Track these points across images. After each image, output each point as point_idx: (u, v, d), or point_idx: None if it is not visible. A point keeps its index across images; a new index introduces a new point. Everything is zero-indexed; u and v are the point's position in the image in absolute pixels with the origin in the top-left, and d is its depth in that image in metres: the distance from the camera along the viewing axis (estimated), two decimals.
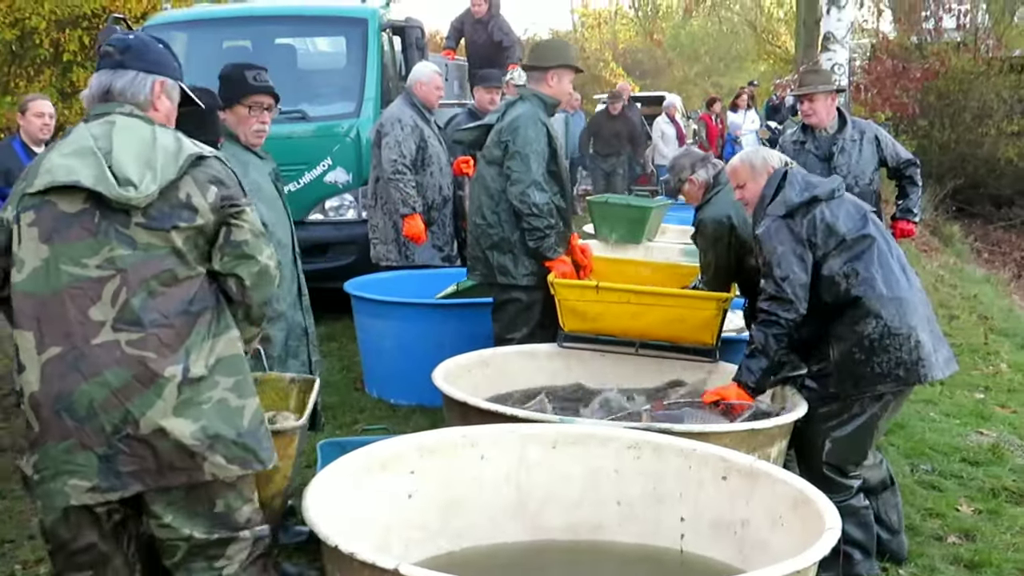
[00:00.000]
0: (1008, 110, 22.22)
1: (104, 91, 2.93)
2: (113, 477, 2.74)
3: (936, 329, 4.24)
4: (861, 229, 4.15)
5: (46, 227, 2.78)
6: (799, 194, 4.17)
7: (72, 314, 2.74)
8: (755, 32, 35.45)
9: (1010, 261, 20.80)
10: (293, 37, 9.71)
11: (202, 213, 2.82)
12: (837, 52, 12.16)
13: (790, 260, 4.09)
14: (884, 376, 4.09)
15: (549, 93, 5.45)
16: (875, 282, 4.08)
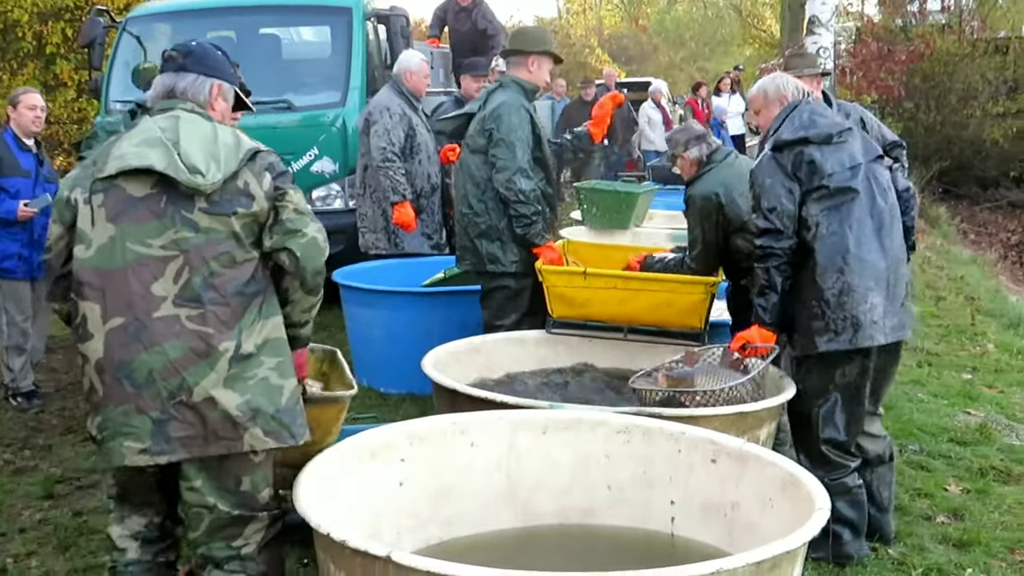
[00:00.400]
0: (993, 91, 22.28)
1: (168, 91, 3.21)
2: (163, 442, 3.00)
3: (898, 295, 4.23)
4: (847, 180, 4.15)
5: (114, 208, 3.03)
6: (792, 132, 4.22)
7: (135, 288, 3.00)
8: (740, 16, 35.45)
9: (996, 242, 20.89)
10: (277, 27, 9.68)
11: (258, 200, 3.07)
12: (822, 36, 12.14)
13: (778, 192, 4.15)
14: (835, 333, 4.11)
15: (529, 79, 5.45)
16: (845, 238, 4.11)
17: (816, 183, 4.13)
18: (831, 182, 4.12)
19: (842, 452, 4.24)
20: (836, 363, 4.17)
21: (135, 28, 9.05)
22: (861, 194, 4.15)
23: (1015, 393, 7.01)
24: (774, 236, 4.13)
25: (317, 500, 2.99)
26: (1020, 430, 6.14)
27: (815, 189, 4.13)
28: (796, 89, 4.43)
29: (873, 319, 4.09)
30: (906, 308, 4.29)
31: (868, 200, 4.16)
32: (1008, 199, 22.81)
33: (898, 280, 4.22)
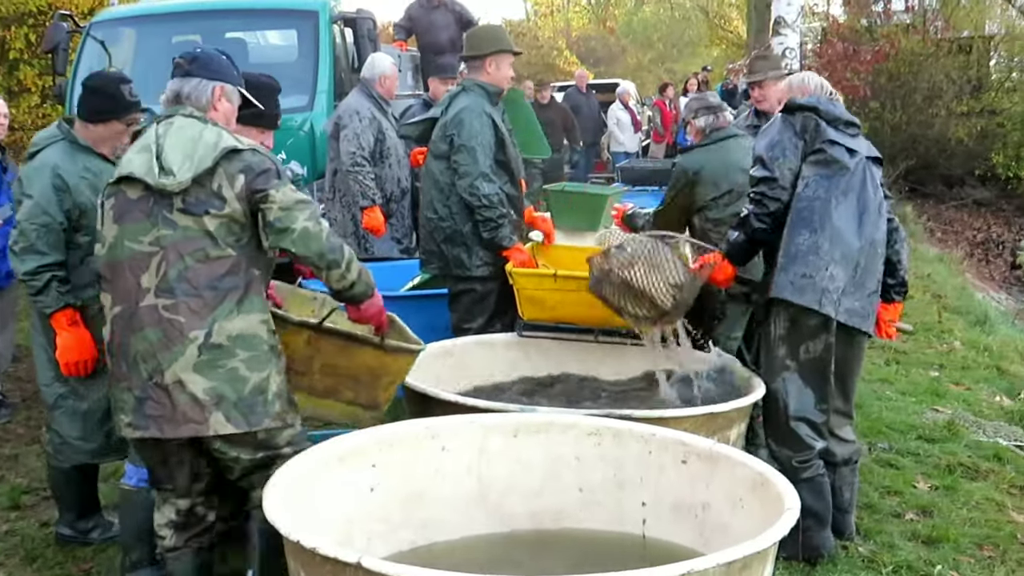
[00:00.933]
0: (957, 91, 22.45)
1: (175, 95, 3.50)
2: (142, 418, 3.33)
3: (866, 283, 4.31)
4: (843, 156, 4.29)
5: (117, 210, 3.39)
6: (804, 99, 4.40)
7: (131, 281, 3.33)
8: (707, 18, 35.58)
9: (962, 240, 21.09)
10: (243, 31, 9.62)
11: (229, 202, 3.30)
12: (788, 36, 12.28)
13: (783, 145, 4.33)
14: (792, 284, 4.22)
15: (490, 81, 5.42)
16: (827, 203, 4.24)
17: (818, 144, 4.29)
18: (830, 150, 4.27)
19: (811, 430, 4.28)
20: (800, 338, 4.25)
21: (99, 33, 8.96)
22: (854, 174, 4.27)
23: (981, 390, 7.08)
24: (768, 185, 4.32)
25: (287, 507, 2.96)
26: (987, 426, 6.20)
27: (814, 152, 4.29)
28: (819, 84, 4.57)
29: (828, 288, 4.19)
30: (872, 300, 4.33)
31: (859, 184, 4.30)
32: (973, 197, 23.01)
33: (868, 269, 4.30)
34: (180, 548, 3.61)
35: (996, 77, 24.82)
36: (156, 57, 9.27)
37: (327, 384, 3.80)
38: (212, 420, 3.29)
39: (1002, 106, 23.32)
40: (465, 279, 5.38)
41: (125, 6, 10.24)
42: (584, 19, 41.91)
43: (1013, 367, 7.76)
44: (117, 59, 8.88)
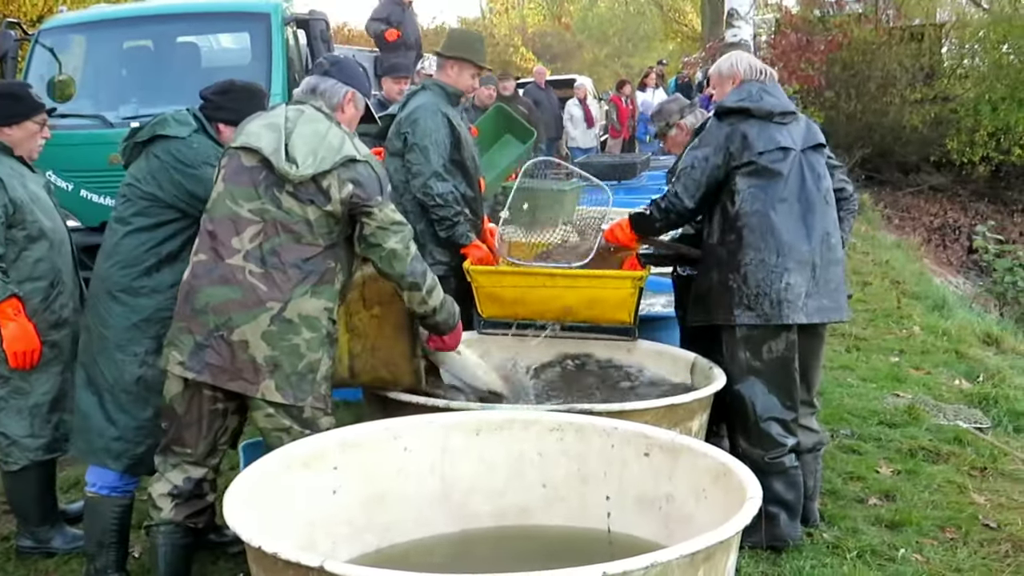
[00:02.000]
0: (910, 78, 22.70)
1: (312, 89, 3.79)
2: (198, 362, 3.53)
3: (828, 278, 4.30)
4: (775, 162, 4.23)
5: (229, 171, 3.64)
6: (735, 101, 4.32)
7: (221, 236, 3.57)
8: (662, 12, 35.74)
9: (919, 226, 21.31)
10: (195, 35, 9.53)
11: (333, 202, 3.57)
12: (742, 28, 12.27)
13: (696, 157, 4.31)
14: (749, 308, 4.22)
15: (449, 83, 5.40)
16: (767, 217, 4.20)
17: (746, 158, 4.23)
18: (760, 160, 4.21)
19: (782, 428, 4.28)
20: (762, 339, 4.25)
21: (48, 40, 8.83)
22: (789, 177, 4.23)
23: (941, 374, 7.14)
24: (677, 194, 4.35)
25: (248, 512, 2.93)
26: (947, 410, 6.25)
27: (744, 164, 4.23)
28: (750, 67, 4.51)
29: (789, 298, 4.17)
30: (839, 292, 4.34)
31: (797, 183, 4.23)
32: (929, 183, 23.25)
33: (828, 263, 4.27)
34: (176, 523, 3.71)
35: (948, 64, 25.10)
36: (107, 63, 9.19)
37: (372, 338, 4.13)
38: (263, 385, 3.53)
39: (955, 92, 23.61)
40: None
41: (75, 12, 10.09)
42: (539, 15, 41.97)
43: (971, 350, 7.84)
44: (67, 66, 8.78)
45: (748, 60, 4.57)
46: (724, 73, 4.55)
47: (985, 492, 5.06)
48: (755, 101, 4.30)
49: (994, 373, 7.15)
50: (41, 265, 4.32)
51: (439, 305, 3.87)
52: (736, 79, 4.47)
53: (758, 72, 4.49)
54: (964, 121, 22.29)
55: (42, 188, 4.51)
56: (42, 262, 4.32)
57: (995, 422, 6.14)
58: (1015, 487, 5.15)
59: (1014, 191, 22.96)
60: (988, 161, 22.05)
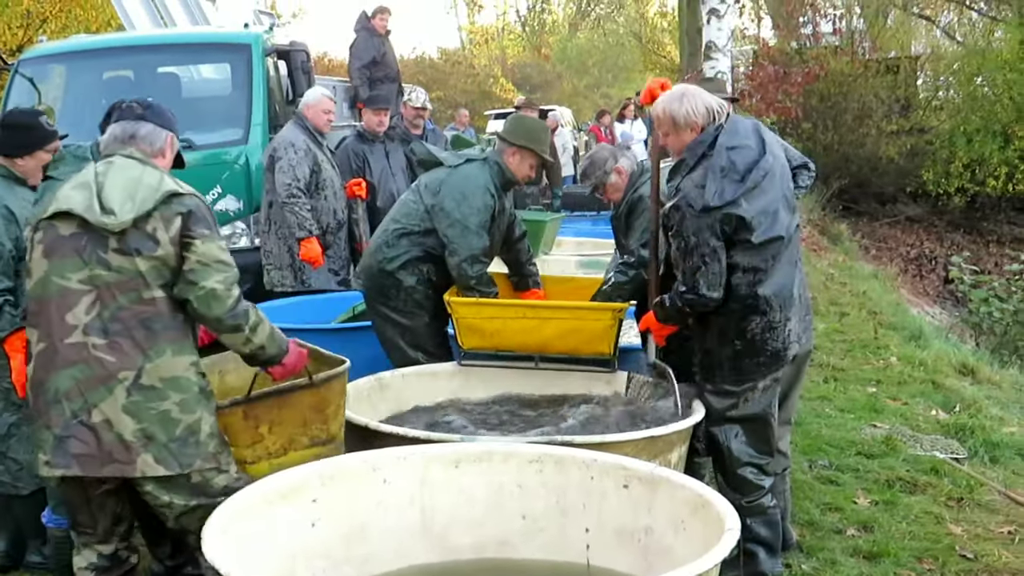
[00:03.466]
0: (886, 110, 22.98)
1: (126, 135, 3.58)
2: (62, 456, 3.32)
3: (805, 302, 4.31)
4: (769, 232, 4.07)
5: (47, 246, 3.41)
6: (717, 196, 3.99)
7: (54, 317, 3.35)
8: (640, 43, 36.00)
9: (896, 256, 21.50)
10: (175, 66, 9.55)
11: (163, 245, 3.35)
12: (720, 60, 12.42)
13: (702, 252, 4.04)
14: (762, 366, 4.18)
15: (510, 167, 5.27)
16: (769, 281, 4.10)
17: (743, 236, 4.04)
18: (757, 237, 4.05)
19: (760, 473, 4.29)
20: (751, 391, 4.24)
21: (28, 70, 8.84)
22: (784, 238, 4.10)
23: (918, 404, 7.18)
24: (696, 294, 4.10)
25: (226, 544, 2.93)
26: (924, 440, 6.29)
27: (741, 242, 4.06)
28: (707, 111, 4.18)
29: (790, 340, 4.17)
30: (809, 312, 4.40)
31: (788, 238, 4.15)
32: (906, 214, 23.50)
33: (805, 285, 4.32)
34: None
35: (923, 96, 25.41)
36: (87, 93, 9.19)
37: (281, 441, 3.79)
38: (140, 461, 3.31)
39: (930, 124, 23.91)
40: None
41: (55, 43, 10.10)
42: (519, 47, 42.20)
43: (948, 381, 7.89)
44: (47, 96, 8.78)
45: (703, 103, 4.21)
46: (680, 123, 4.19)
47: (962, 523, 5.09)
48: (735, 183, 4.02)
49: (970, 403, 7.20)
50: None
51: (267, 340, 3.58)
52: (695, 128, 4.18)
53: (715, 113, 4.20)
54: (939, 152, 22.58)
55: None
56: None
57: (971, 452, 6.17)
58: (992, 518, 5.18)
59: (989, 222, 23.22)
60: (963, 192, 22.31)
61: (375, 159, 7.95)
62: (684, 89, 4.33)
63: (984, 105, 22.71)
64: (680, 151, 4.27)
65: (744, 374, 4.19)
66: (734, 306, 4.14)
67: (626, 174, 5.17)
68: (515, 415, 4.68)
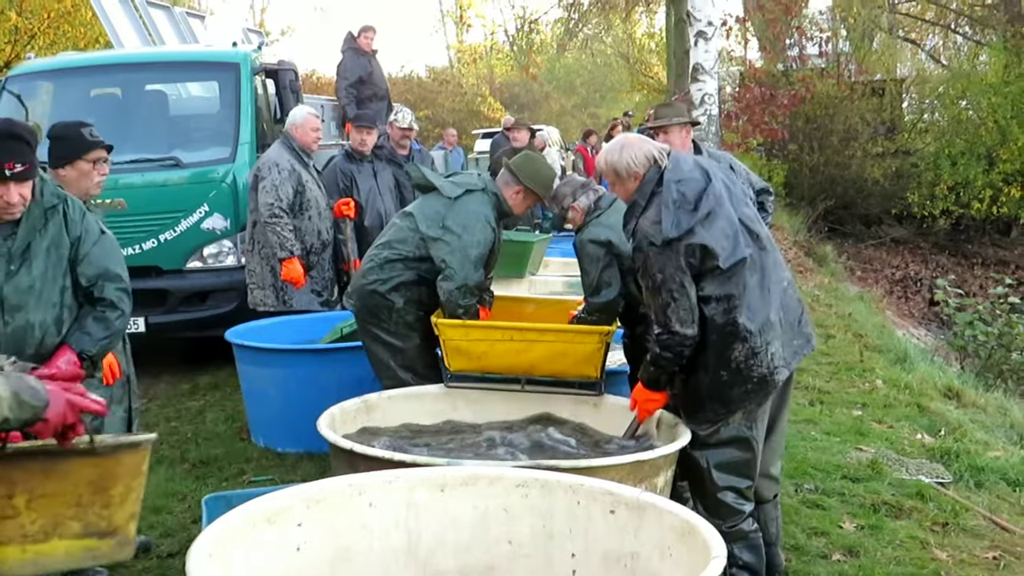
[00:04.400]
0: (872, 132, 23.11)
1: None
2: None
3: (791, 322, 4.26)
4: (733, 255, 4.07)
5: None
6: (674, 227, 4.03)
7: None
8: (628, 64, 36.13)
9: (881, 278, 21.57)
10: (164, 83, 9.56)
11: None
12: (707, 83, 12.51)
13: (670, 287, 4.05)
14: (749, 393, 4.15)
15: (508, 200, 5.34)
16: (744, 307, 4.08)
17: (710, 264, 4.06)
18: (723, 263, 4.05)
19: (740, 498, 4.28)
20: (736, 417, 4.22)
21: (15, 87, 8.84)
22: (749, 257, 4.10)
23: (903, 427, 7.19)
24: (671, 333, 4.09)
25: (211, 568, 2.91)
26: (909, 464, 6.29)
27: (710, 271, 4.07)
28: (646, 159, 4.21)
29: (776, 365, 4.14)
30: (804, 323, 4.35)
31: (754, 257, 4.12)
32: (891, 236, 23.60)
33: (788, 308, 4.24)
34: None
35: (909, 119, 25.56)
36: (74, 110, 9.18)
37: (43, 522, 2.74)
38: None
39: (915, 146, 24.03)
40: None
41: (42, 59, 10.09)
42: (507, 66, 42.30)
43: (933, 404, 7.90)
44: (35, 112, 8.77)
45: (643, 152, 4.23)
46: (623, 174, 4.23)
47: (947, 548, 5.09)
48: (688, 213, 4.05)
49: (955, 427, 7.21)
50: None
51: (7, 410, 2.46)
52: (637, 177, 4.21)
53: (655, 158, 4.22)
54: (925, 175, 22.70)
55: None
56: None
57: (956, 477, 6.18)
58: (977, 543, 5.19)
59: (974, 244, 23.34)
60: (948, 214, 22.43)
61: (363, 179, 7.94)
62: (624, 140, 4.38)
63: (968, 128, 22.84)
64: (628, 198, 4.30)
65: (733, 403, 4.18)
66: (713, 337, 4.12)
67: (581, 211, 5.19)
68: (501, 441, 4.66)
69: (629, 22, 36.44)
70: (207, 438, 6.76)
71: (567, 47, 32.31)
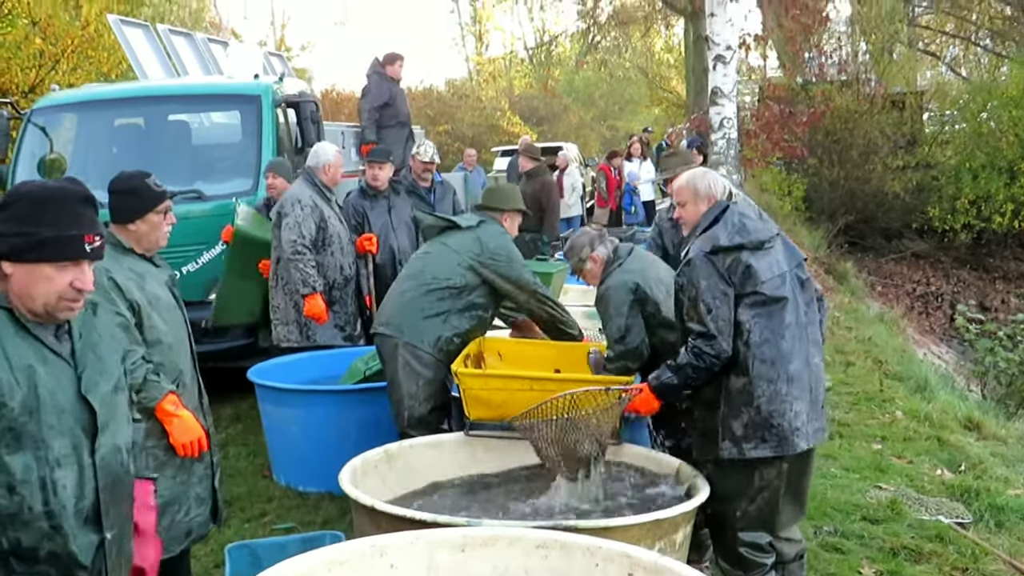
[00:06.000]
0: (892, 146, 23.03)
1: None
2: None
3: (819, 398, 4.33)
4: (778, 288, 4.19)
5: None
6: (728, 238, 4.22)
7: None
8: (647, 79, 36.15)
9: (902, 293, 21.50)
10: (186, 115, 9.66)
11: None
12: (725, 106, 12.50)
13: (714, 294, 4.16)
14: (762, 440, 4.18)
15: (507, 231, 5.87)
16: (776, 346, 4.15)
17: (750, 288, 4.16)
18: (765, 289, 4.16)
19: (759, 552, 4.30)
20: (755, 467, 4.24)
21: (40, 119, 8.95)
22: (789, 301, 4.20)
23: (923, 463, 7.18)
24: (707, 340, 4.16)
25: None
26: (929, 504, 6.29)
27: (748, 294, 4.16)
28: (724, 188, 4.47)
29: (797, 426, 4.17)
30: (824, 411, 4.40)
31: (794, 307, 4.22)
32: (912, 250, 23.53)
33: (818, 383, 4.32)
34: None
35: (930, 131, 25.45)
36: (98, 141, 9.29)
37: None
38: None
39: (936, 160, 23.93)
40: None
41: (67, 92, 10.19)
42: (526, 79, 42.31)
43: (953, 437, 7.88)
44: (59, 144, 8.87)
45: (723, 182, 4.51)
46: (701, 192, 4.44)
47: None
48: (745, 234, 4.24)
49: (976, 463, 7.20)
50: (162, 369, 4.26)
51: None
52: (712, 199, 4.41)
53: (730, 192, 4.48)
54: (945, 189, 22.62)
55: (163, 285, 4.40)
56: (163, 366, 4.27)
57: (977, 517, 6.17)
58: None
59: (995, 258, 23.24)
60: (969, 228, 22.34)
61: (376, 214, 7.98)
62: (708, 169, 4.74)
63: (989, 141, 22.75)
64: (694, 222, 4.45)
65: (749, 444, 4.20)
66: (739, 369, 4.19)
67: (600, 262, 5.22)
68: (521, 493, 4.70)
69: (647, 37, 36.47)
70: (229, 475, 6.80)
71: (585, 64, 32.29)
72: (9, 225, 2.71)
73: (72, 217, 2.78)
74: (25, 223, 2.71)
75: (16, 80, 13.42)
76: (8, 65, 13.38)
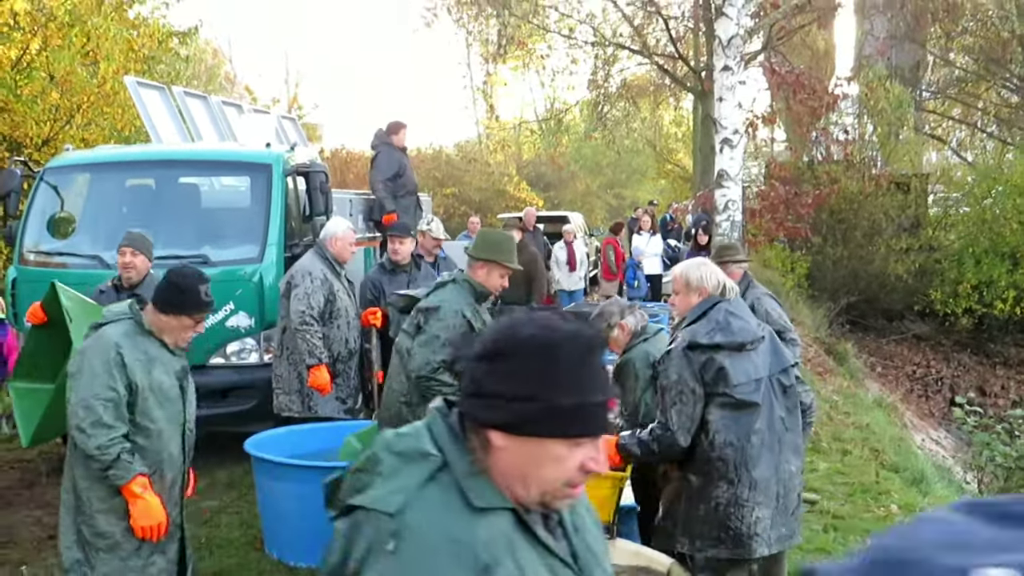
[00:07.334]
0: (896, 228, 23.12)
1: None
2: None
3: (788, 505, 4.34)
4: (750, 394, 4.20)
5: None
6: (707, 336, 4.24)
7: None
8: (654, 150, 36.43)
9: (902, 375, 21.50)
10: (197, 179, 9.77)
11: None
12: (731, 188, 12.61)
13: (680, 390, 4.20)
14: (718, 540, 4.22)
15: (479, 281, 5.44)
16: (741, 451, 4.19)
17: (721, 389, 4.20)
18: (736, 393, 4.19)
19: None
20: (724, 569, 4.27)
21: (52, 178, 9.06)
22: (762, 408, 4.23)
23: None
24: (665, 430, 4.24)
25: None
26: None
27: (719, 394, 4.20)
28: (717, 283, 4.47)
29: (757, 531, 4.19)
30: (796, 517, 4.41)
31: (768, 412, 4.25)
32: (913, 332, 23.54)
33: (789, 491, 4.32)
34: None
35: (933, 214, 25.60)
36: (108, 201, 9.39)
37: None
38: None
39: (939, 243, 24.03)
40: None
41: (80, 152, 10.31)
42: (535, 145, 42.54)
43: None
44: (69, 204, 8.97)
45: (717, 275, 4.52)
46: (692, 284, 4.47)
47: None
48: (727, 334, 4.25)
49: None
50: (144, 453, 4.43)
51: None
52: (703, 292, 4.43)
53: (725, 287, 4.47)
54: (948, 272, 22.70)
55: (171, 374, 4.53)
56: (144, 450, 4.43)
57: None
58: None
59: (996, 344, 23.25)
60: (971, 313, 22.39)
61: (392, 289, 8.05)
62: (706, 261, 4.74)
63: (993, 227, 22.88)
64: (683, 312, 4.49)
65: (704, 543, 4.23)
66: (702, 468, 4.23)
67: (628, 332, 5.29)
68: None
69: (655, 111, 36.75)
70: (220, 545, 6.80)
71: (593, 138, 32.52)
72: (511, 385, 1.89)
73: (592, 374, 1.93)
74: (534, 383, 1.88)
75: (31, 133, 13.55)
76: (24, 119, 13.52)
